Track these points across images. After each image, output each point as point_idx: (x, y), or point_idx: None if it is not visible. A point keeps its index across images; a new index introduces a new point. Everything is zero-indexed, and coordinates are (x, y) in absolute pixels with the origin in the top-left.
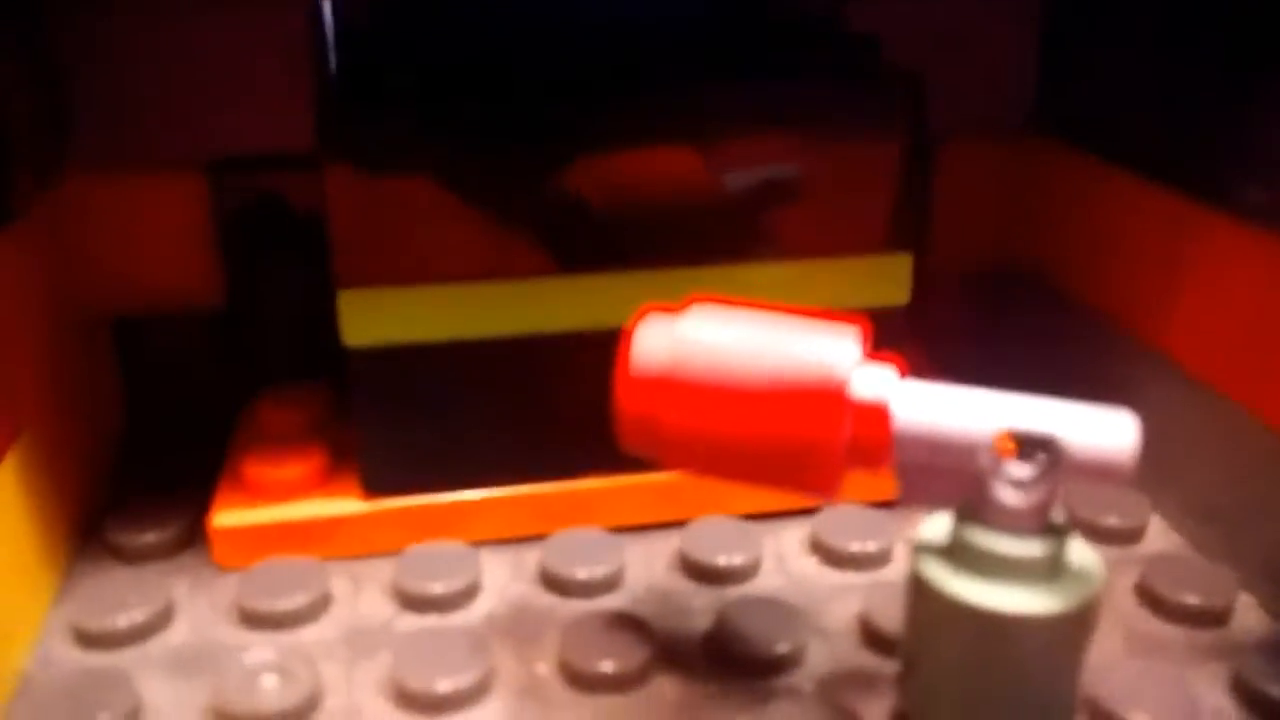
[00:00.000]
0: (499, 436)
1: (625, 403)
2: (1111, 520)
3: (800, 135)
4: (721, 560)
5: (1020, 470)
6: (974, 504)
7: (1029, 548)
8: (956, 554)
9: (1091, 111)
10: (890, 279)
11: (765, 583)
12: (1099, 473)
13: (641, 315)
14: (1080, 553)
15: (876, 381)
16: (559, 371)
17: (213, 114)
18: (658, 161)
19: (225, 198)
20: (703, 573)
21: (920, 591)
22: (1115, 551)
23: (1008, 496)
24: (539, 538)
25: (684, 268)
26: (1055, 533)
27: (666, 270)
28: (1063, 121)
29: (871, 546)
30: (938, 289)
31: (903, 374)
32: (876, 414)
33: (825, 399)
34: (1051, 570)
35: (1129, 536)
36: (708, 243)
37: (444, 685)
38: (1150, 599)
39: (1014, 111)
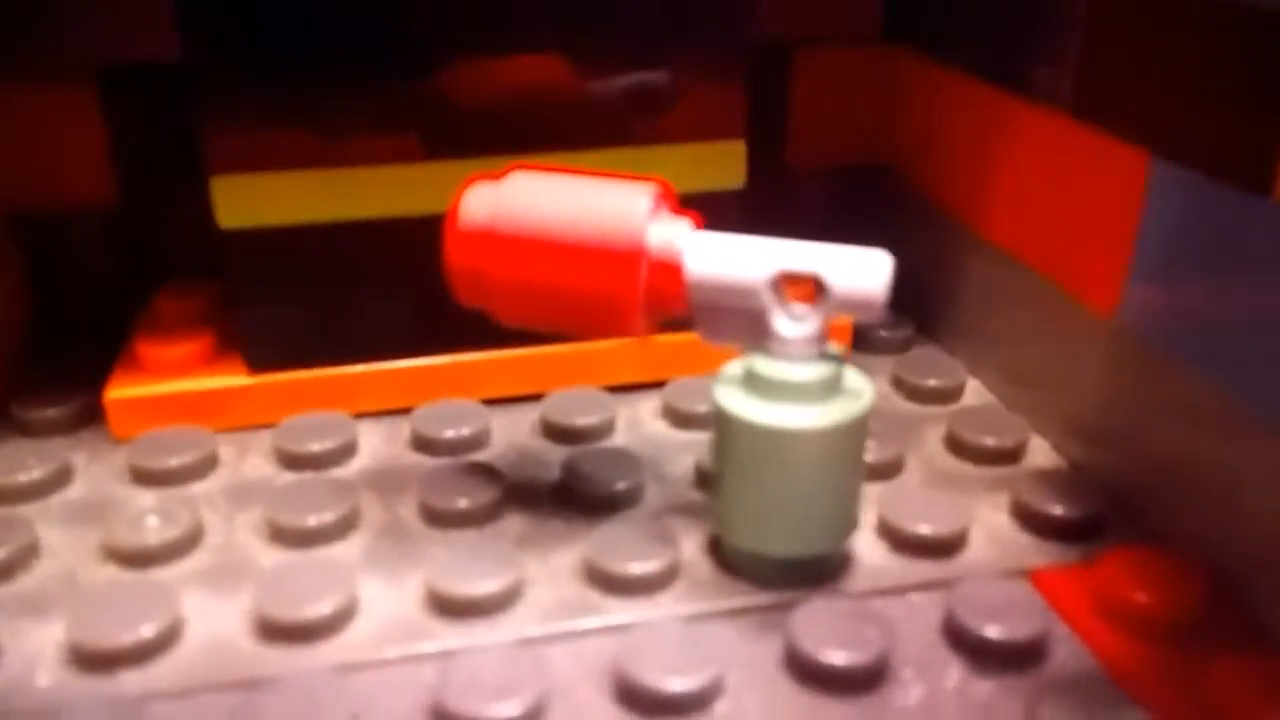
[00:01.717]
0: (373, 314)
1: (452, 255)
2: (932, 382)
3: (645, 36)
4: (578, 421)
5: (793, 305)
6: (759, 337)
7: (804, 372)
8: (748, 382)
9: (925, 18)
10: (726, 164)
11: (616, 441)
12: (859, 305)
13: (469, 181)
14: (854, 379)
15: (669, 233)
16: (427, 252)
17: (102, 22)
18: (515, 57)
19: (116, 103)
20: (560, 433)
21: (719, 418)
22: (935, 409)
23: (784, 328)
24: (414, 410)
25: (537, 153)
26: (828, 360)
27: (522, 156)
28: (905, 29)
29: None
30: (799, 184)
31: (698, 227)
32: (670, 262)
33: (620, 249)
34: (826, 392)
35: (947, 396)
36: (559, 131)
37: (312, 521)
38: (954, 444)
39: (869, 21)
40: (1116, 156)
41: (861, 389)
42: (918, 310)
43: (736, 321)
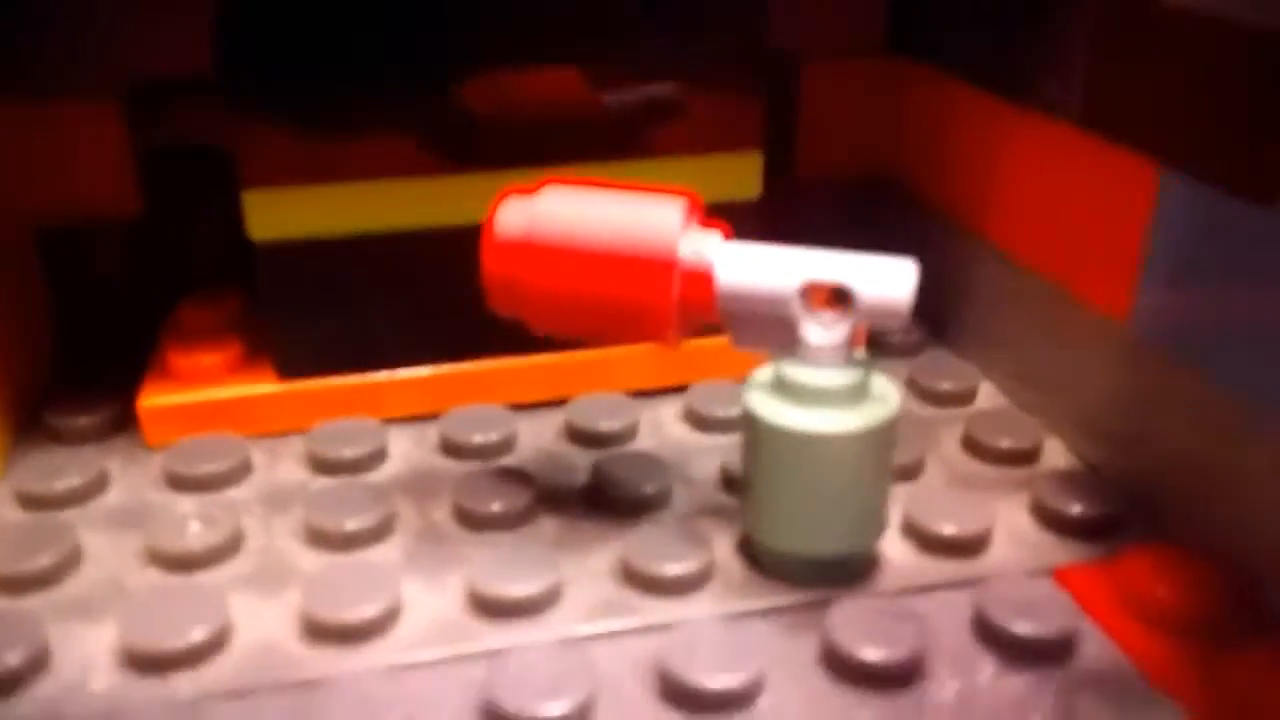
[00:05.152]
0: (400, 322)
1: (489, 265)
2: (947, 386)
3: (664, 48)
4: (602, 425)
5: (821, 314)
6: (789, 344)
7: (834, 378)
8: (778, 387)
9: (930, 30)
10: (742, 175)
11: (641, 444)
12: (886, 313)
13: (503, 195)
14: (881, 384)
15: (701, 244)
16: (453, 261)
17: (132, 39)
18: (535, 71)
19: (141, 120)
20: (585, 437)
21: (750, 422)
22: (950, 411)
23: (813, 336)
24: (441, 415)
25: (558, 166)
26: (856, 366)
27: (544, 168)
28: (909, 41)
29: (735, 412)
30: (808, 194)
31: (726, 238)
32: (701, 272)
33: (654, 259)
34: (854, 397)
35: (962, 399)
36: (579, 144)
37: (351, 525)
38: (972, 446)
39: (872, 34)
40: (1124, 164)
41: (888, 394)
42: (928, 314)
43: (766, 328)
